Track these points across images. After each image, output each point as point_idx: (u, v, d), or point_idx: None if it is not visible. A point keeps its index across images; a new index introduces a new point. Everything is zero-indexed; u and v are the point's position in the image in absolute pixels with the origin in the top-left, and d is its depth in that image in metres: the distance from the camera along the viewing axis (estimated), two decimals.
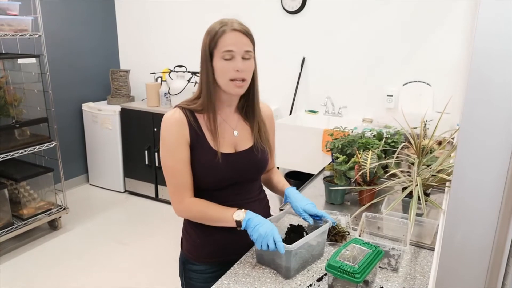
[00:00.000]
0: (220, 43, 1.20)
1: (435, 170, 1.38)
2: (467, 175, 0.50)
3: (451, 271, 0.54)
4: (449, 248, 0.53)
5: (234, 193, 1.33)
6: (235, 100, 1.34)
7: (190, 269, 1.40)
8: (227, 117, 1.34)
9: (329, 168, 1.86)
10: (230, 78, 1.21)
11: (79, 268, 2.80)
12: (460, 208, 0.51)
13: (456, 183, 0.51)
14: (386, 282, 1.18)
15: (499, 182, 0.48)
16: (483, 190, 0.50)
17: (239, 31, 1.21)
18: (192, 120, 1.27)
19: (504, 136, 0.46)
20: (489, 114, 0.48)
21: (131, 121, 3.82)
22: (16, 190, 3.04)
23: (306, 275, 1.21)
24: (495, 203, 0.49)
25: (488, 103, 0.47)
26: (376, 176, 1.64)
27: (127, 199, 3.96)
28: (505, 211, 0.48)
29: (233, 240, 1.32)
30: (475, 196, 0.50)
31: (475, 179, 0.50)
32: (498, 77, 0.46)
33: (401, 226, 1.35)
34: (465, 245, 0.52)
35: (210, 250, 1.36)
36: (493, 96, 0.47)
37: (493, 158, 0.48)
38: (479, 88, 0.48)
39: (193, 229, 1.37)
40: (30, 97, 3.11)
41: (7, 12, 2.88)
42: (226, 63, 1.20)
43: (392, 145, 1.79)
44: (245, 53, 1.22)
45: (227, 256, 1.34)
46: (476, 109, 0.49)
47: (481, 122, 0.48)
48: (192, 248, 1.38)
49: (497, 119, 0.47)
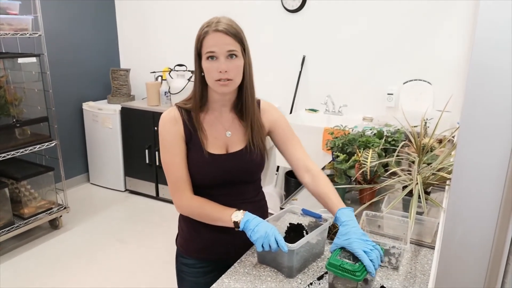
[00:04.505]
0: (204, 44, 1.22)
1: (436, 169, 1.38)
2: (467, 173, 0.50)
3: (451, 269, 0.54)
4: (449, 246, 0.53)
5: (225, 194, 1.33)
6: (229, 100, 1.33)
7: (181, 262, 1.44)
8: (221, 117, 1.34)
9: (329, 166, 1.86)
10: (215, 78, 1.22)
11: (80, 267, 2.81)
12: (460, 206, 0.52)
13: (456, 181, 0.51)
14: (387, 280, 1.18)
15: (499, 180, 0.48)
16: (483, 188, 0.50)
17: (221, 32, 1.20)
18: (187, 118, 1.30)
19: (504, 134, 0.46)
20: (489, 113, 0.48)
21: (132, 120, 3.82)
22: (17, 189, 3.04)
23: (306, 274, 1.21)
24: (495, 201, 0.49)
25: (489, 102, 0.47)
26: (376, 175, 1.64)
27: (127, 198, 3.97)
28: (505, 209, 0.48)
29: (221, 238, 1.35)
30: (475, 194, 0.50)
31: (475, 177, 0.50)
32: (499, 75, 0.46)
33: (401, 224, 1.35)
34: (465, 243, 0.52)
35: (199, 246, 1.39)
36: (494, 94, 0.47)
37: (493, 156, 0.48)
38: (479, 86, 0.48)
39: (184, 223, 1.42)
40: (31, 96, 3.12)
41: (7, 12, 2.88)
42: (210, 63, 1.22)
43: (392, 144, 1.79)
44: (228, 52, 1.21)
45: (216, 253, 1.39)
46: (476, 107, 0.49)
47: (481, 121, 0.48)
48: (183, 242, 1.43)
49: (497, 118, 0.47)
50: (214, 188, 1.32)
